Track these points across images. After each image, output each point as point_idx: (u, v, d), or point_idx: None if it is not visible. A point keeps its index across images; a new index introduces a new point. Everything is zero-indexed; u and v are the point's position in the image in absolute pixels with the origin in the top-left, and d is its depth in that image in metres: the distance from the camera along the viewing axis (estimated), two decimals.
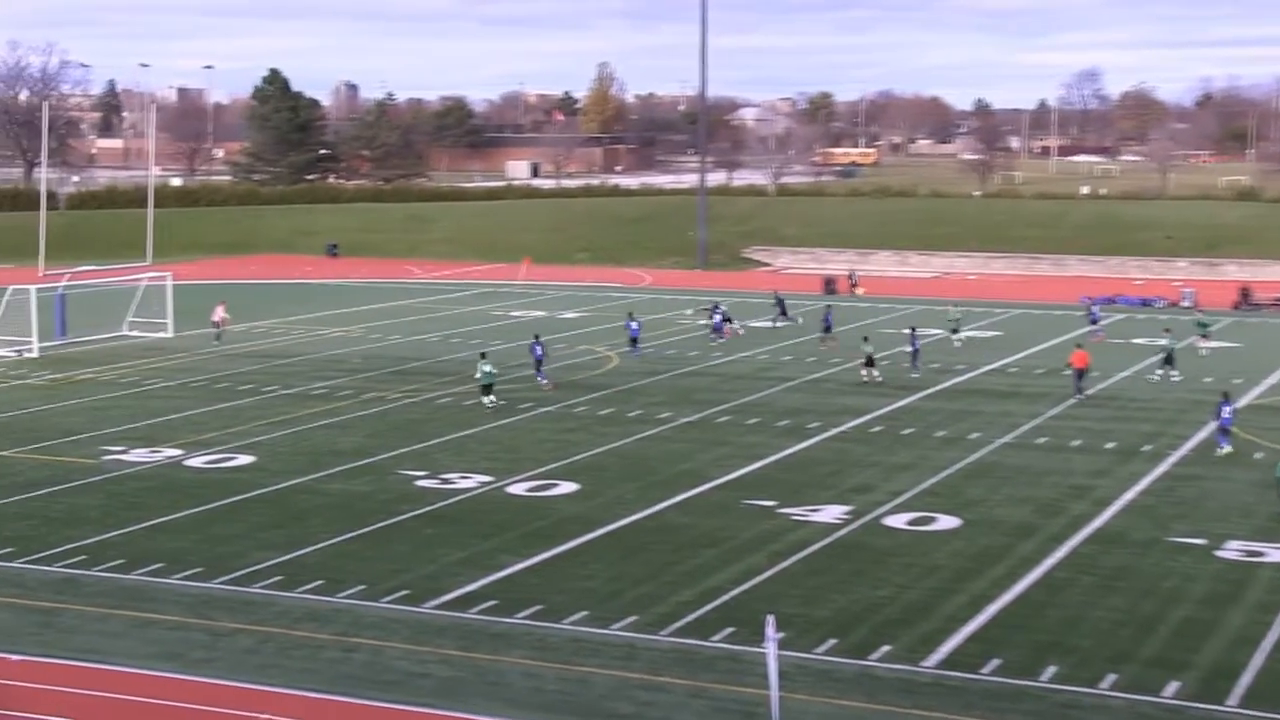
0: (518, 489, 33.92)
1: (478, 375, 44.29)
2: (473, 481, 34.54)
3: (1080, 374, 46.42)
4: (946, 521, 31.01)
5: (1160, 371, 49.77)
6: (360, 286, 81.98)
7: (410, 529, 30.40)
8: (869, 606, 25.33)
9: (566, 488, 34.02)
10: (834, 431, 40.82)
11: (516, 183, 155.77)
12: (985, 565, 27.78)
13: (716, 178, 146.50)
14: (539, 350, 48.23)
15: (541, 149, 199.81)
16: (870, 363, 48.83)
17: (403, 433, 40.43)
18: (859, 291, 78.14)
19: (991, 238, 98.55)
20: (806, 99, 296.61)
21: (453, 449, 38.37)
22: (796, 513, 31.64)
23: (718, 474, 35.44)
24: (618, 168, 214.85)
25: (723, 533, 30.04)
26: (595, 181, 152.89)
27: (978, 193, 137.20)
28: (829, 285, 79.40)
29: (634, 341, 55.77)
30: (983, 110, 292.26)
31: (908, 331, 54.24)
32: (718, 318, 60.89)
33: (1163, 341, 50.62)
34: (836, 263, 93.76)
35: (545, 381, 47.34)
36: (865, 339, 50.90)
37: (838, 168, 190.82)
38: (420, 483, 34.43)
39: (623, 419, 42.57)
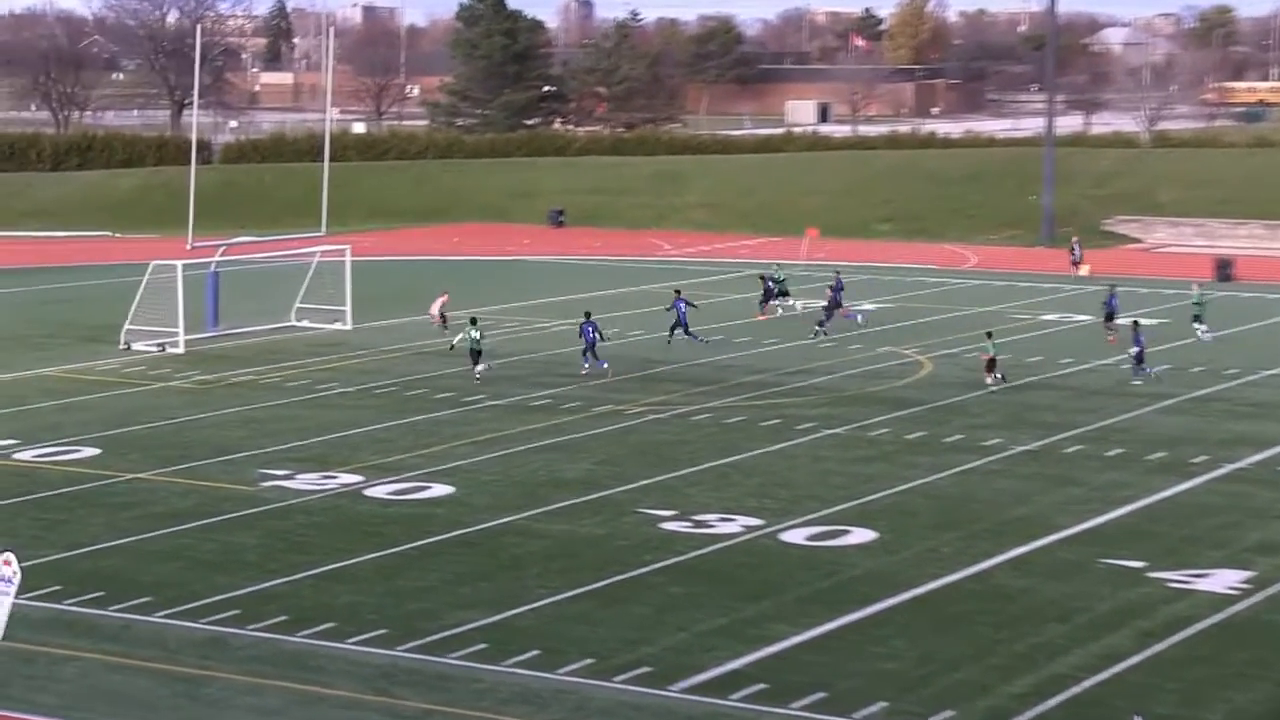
0: (795, 536, 33.95)
1: (461, 338, 51.59)
2: (736, 525, 34.68)
3: None
4: None
5: None
6: (592, 266, 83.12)
7: (653, 586, 30.64)
8: None
9: (860, 536, 33.92)
10: (1228, 469, 39.87)
11: (799, 130, 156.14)
12: None
13: (1069, 123, 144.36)
14: (590, 332, 51.36)
15: (833, 85, 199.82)
16: (992, 365, 49.19)
17: (646, 458, 40.84)
18: (1083, 271, 76.29)
19: None
20: (1196, 15, 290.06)
21: (710, 481, 38.59)
22: (1175, 578, 31.00)
23: (1066, 523, 34.95)
24: (935, 110, 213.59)
25: (1072, 602, 29.61)
26: (904, 128, 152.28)
27: None
28: (1223, 269, 77.45)
29: (675, 328, 56.10)
30: None
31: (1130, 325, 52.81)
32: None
33: None
34: (1235, 238, 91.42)
35: (604, 366, 51.12)
36: (989, 334, 50.90)
37: (1239, 108, 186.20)
38: (667, 525, 34.70)
39: (936, 446, 42.29)
